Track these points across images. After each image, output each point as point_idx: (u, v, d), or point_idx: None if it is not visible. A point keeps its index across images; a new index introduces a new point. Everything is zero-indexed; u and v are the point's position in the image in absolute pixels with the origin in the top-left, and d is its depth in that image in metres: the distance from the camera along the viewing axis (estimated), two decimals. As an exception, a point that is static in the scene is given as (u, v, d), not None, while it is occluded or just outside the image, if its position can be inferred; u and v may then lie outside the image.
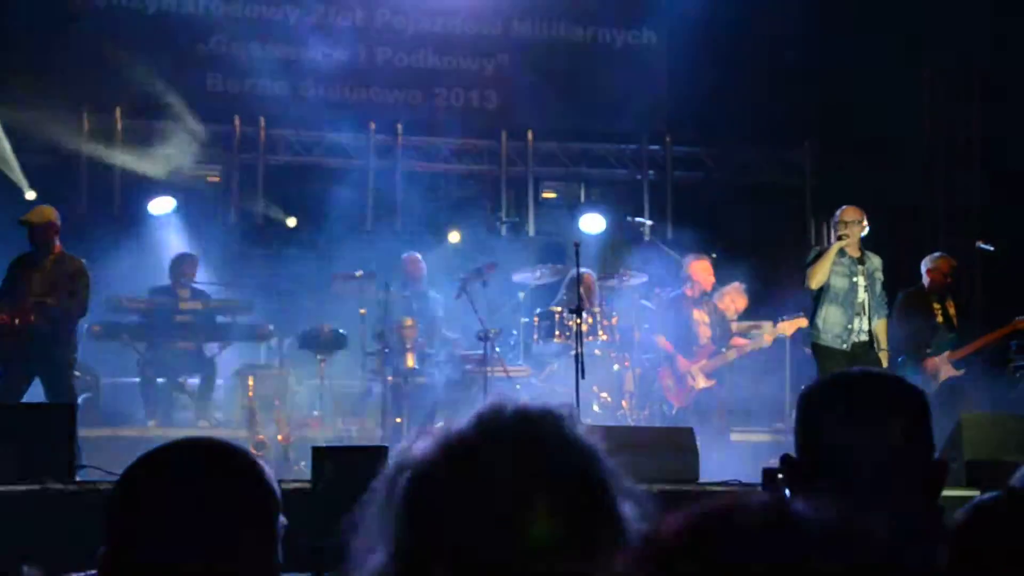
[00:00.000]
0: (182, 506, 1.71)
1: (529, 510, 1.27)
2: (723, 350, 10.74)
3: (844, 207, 9.72)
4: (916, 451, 2.19)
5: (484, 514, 1.27)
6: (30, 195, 12.18)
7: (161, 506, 1.72)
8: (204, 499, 1.73)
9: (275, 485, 1.81)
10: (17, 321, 9.24)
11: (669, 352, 10.70)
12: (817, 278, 9.52)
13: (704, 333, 10.86)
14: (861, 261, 9.59)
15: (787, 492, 2.26)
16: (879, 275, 9.69)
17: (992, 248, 11.45)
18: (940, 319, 10.59)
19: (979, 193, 14.09)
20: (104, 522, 1.74)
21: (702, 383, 10.62)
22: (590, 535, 1.27)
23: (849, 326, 9.52)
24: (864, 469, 2.11)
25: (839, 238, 9.53)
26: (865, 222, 9.58)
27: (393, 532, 1.32)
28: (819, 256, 9.67)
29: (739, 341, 10.94)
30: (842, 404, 2.23)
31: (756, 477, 6.82)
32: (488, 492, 1.28)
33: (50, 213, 9.63)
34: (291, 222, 12.94)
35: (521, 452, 1.31)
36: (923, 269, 10.75)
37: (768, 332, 10.73)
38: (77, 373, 10.99)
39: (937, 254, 10.93)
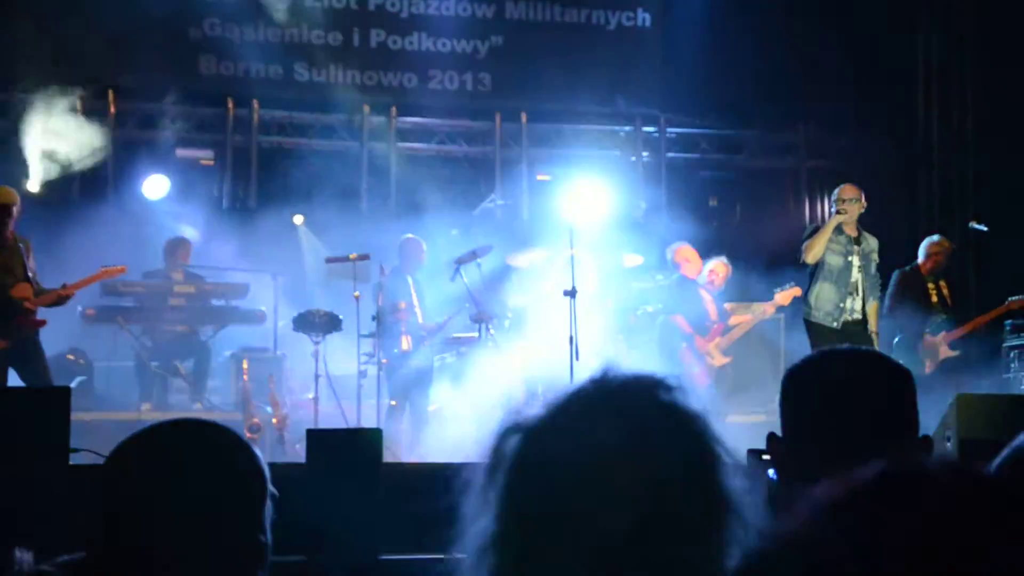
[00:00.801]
0: (170, 485, 1.71)
1: (637, 479, 1.26)
2: (729, 326, 10.83)
3: (843, 184, 9.72)
4: (900, 428, 2.20)
5: (592, 480, 1.26)
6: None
7: (149, 485, 1.72)
8: (192, 478, 1.73)
9: (264, 465, 1.81)
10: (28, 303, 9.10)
11: (688, 332, 10.73)
12: (813, 252, 9.52)
13: (712, 311, 10.95)
14: (858, 241, 9.59)
15: (772, 471, 2.26)
16: (875, 256, 9.69)
17: (985, 228, 11.46)
18: (935, 300, 10.61)
19: (972, 173, 14.09)
20: (95, 502, 1.74)
21: (720, 360, 10.71)
22: (695, 507, 1.27)
23: (841, 304, 9.52)
24: (848, 447, 2.11)
25: (838, 214, 9.53)
26: (864, 200, 9.58)
27: (501, 496, 1.31)
28: (816, 231, 9.67)
29: (742, 317, 11.01)
30: (827, 381, 2.23)
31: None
32: (596, 458, 1.27)
33: (12, 195, 9.32)
34: (298, 219, 12.91)
35: (630, 419, 1.30)
36: (922, 250, 10.75)
37: (769, 304, 10.79)
38: (70, 356, 10.99)
39: (936, 236, 10.94)
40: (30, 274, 9.17)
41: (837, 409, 2.17)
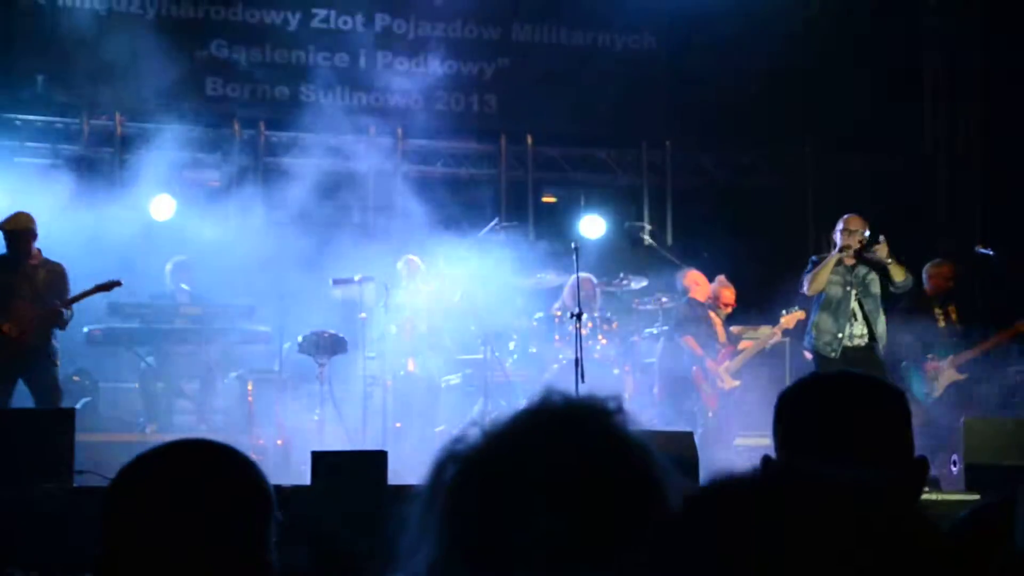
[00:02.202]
0: (176, 506, 1.71)
1: (575, 506, 1.25)
2: (739, 350, 10.82)
3: (848, 215, 9.71)
4: (894, 450, 2.19)
5: (528, 509, 1.25)
6: None
7: (155, 507, 1.71)
8: (198, 499, 1.72)
9: (270, 485, 1.80)
10: (18, 333, 9.20)
11: (699, 355, 10.71)
12: (814, 286, 9.53)
13: (721, 333, 10.94)
14: (853, 268, 9.59)
15: None
16: (872, 277, 9.65)
17: (991, 253, 11.44)
18: (942, 323, 10.60)
19: (979, 195, 14.08)
20: (99, 523, 1.73)
21: (729, 383, 10.68)
22: (635, 532, 1.26)
23: (839, 334, 9.51)
24: (839, 468, 2.10)
25: (841, 248, 9.52)
26: (867, 232, 9.58)
27: (438, 527, 1.30)
28: (817, 263, 9.66)
29: (749, 341, 11.00)
30: (820, 404, 2.23)
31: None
32: (532, 486, 1.26)
33: (29, 220, 9.61)
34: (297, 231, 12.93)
35: (568, 446, 1.29)
36: (924, 275, 10.75)
37: (778, 327, 10.78)
38: (76, 378, 10.99)
39: (938, 260, 10.94)
40: (27, 300, 9.31)
41: (830, 432, 2.16)
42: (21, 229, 9.42)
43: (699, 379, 10.74)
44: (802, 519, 1.00)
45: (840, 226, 9.64)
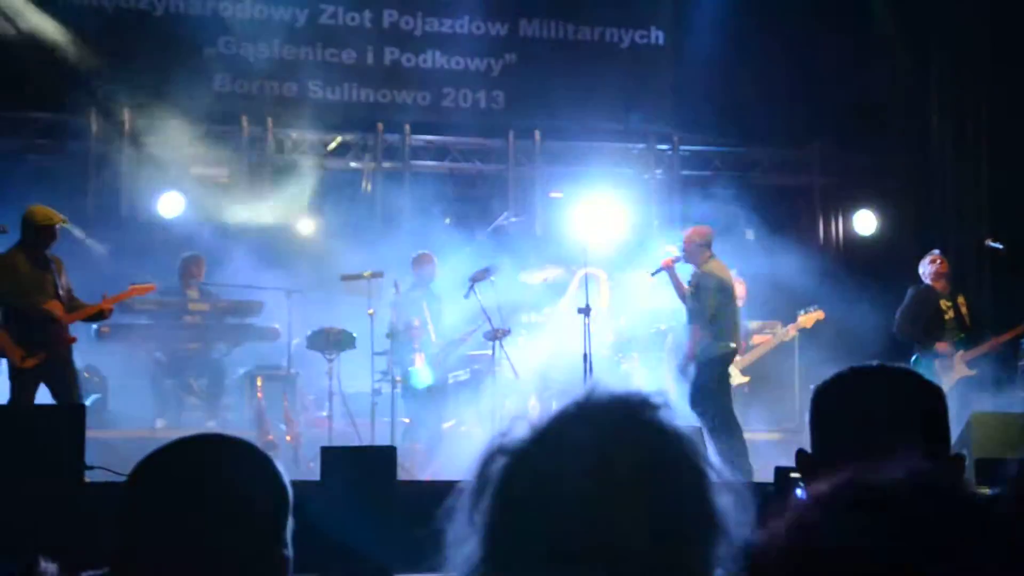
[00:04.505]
0: (194, 501, 1.71)
1: (622, 499, 1.25)
2: (753, 345, 10.81)
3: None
4: (933, 446, 2.18)
5: (575, 502, 1.25)
6: None
7: (173, 501, 1.72)
8: (216, 494, 1.73)
9: (286, 480, 1.81)
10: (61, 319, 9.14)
11: None
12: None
13: None
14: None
15: (800, 489, 2.24)
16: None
17: (1001, 247, 11.42)
18: (950, 315, 10.58)
19: (987, 191, 14.05)
20: (116, 518, 1.74)
21: (738, 379, 10.66)
22: (682, 526, 1.27)
23: None
24: (880, 463, 2.10)
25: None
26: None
27: (485, 519, 1.30)
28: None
29: (762, 338, 10.98)
30: (859, 398, 2.22)
31: (766, 475, 6.80)
32: (580, 480, 1.26)
33: (56, 216, 9.54)
34: (306, 228, 12.94)
35: (616, 439, 1.29)
36: (921, 269, 10.76)
37: (792, 326, 10.76)
38: (86, 374, 11.02)
39: (933, 252, 10.94)
40: (61, 292, 9.23)
41: (870, 426, 2.14)
42: (57, 224, 9.33)
43: None
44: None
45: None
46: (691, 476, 1.30)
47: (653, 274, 10.03)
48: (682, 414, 1.35)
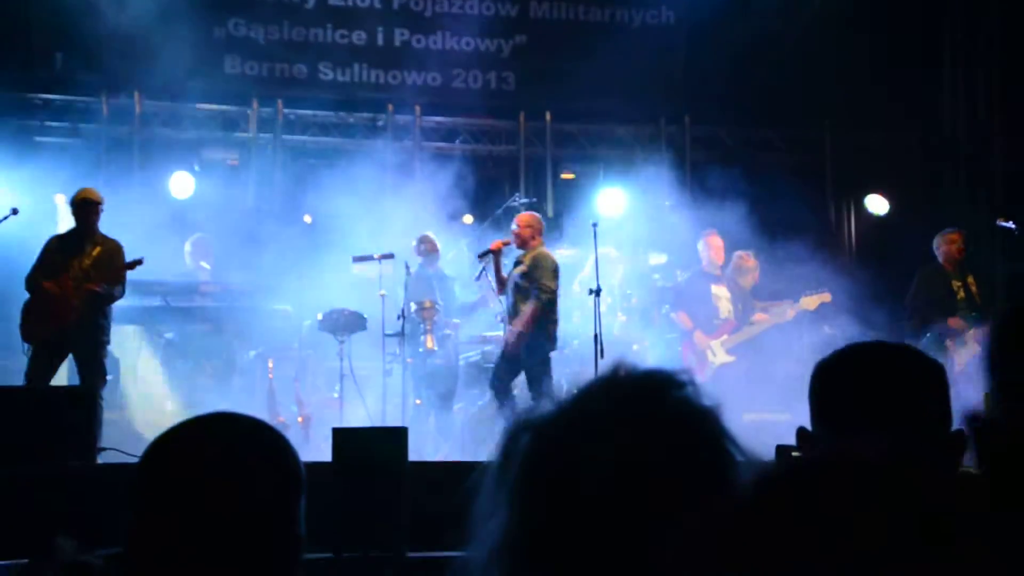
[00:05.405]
0: (209, 480, 1.72)
1: (648, 475, 1.26)
2: (745, 325, 10.77)
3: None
4: (934, 423, 2.18)
5: (603, 478, 1.25)
6: None
7: (188, 479, 1.72)
8: (231, 472, 1.73)
9: (299, 459, 1.81)
10: (61, 297, 9.24)
11: (688, 328, 10.73)
12: None
13: (724, 308, 10.88)
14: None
15: None
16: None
17: (1013, 226, 11.38)
18: (961, 295, 10.55)
19: (999, 169, 14.01)
20: (129, 499, 1.74)
21: (722, 358, 10.64)
22: (708, 503, 1.27)
23: None
24: (880, 439, 2.09)
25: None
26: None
27: (510, 496, 1.30)
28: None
29: (760, 316, 10.96)
30: (860, 376, 2.22)
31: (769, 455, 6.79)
32: (607, 456, 1.26)
33: (96, 194, 9.65)
34: (307, 219, 12.95)
35: (641, 416, 1.29)
36: (935, 246, 10.73)
37: (791, 307, 10.74)
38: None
39: (947, 229, 10.90)
40: (77, 272, 9.35)
41: (871, 404, 2.14)
42: (89, 200, 9.48)
43: (686, 353, 10.77)
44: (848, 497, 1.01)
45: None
46: (717, 454, 1.30)
47: (480, 256, 10.26)
48: (705, 393, 1.35)
